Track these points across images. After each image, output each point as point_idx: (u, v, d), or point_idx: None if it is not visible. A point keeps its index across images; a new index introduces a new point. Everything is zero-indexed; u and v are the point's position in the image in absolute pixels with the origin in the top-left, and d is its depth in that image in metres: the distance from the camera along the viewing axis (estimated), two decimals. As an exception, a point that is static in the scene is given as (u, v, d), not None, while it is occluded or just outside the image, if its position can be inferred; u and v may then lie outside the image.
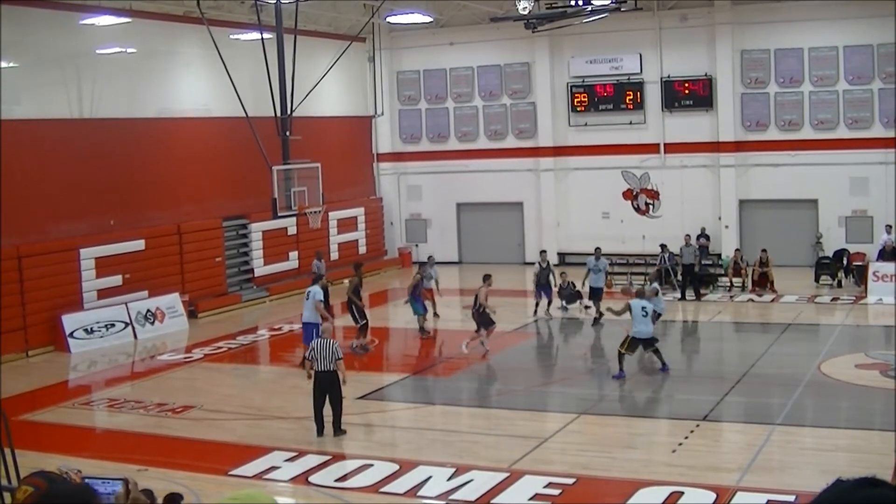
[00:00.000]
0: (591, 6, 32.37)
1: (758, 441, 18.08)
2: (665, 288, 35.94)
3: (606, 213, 42.41)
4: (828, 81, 38.67)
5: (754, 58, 39.68)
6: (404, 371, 26.17)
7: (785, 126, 39.43)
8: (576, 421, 20.21)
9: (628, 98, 41.44)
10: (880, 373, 23.16)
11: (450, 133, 44.93)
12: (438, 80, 44.93)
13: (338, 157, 41.01)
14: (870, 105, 38.19)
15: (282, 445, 18.78)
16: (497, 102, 44.10)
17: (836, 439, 18.49)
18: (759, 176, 40.00)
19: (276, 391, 23.83)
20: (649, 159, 41.53)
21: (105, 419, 22.25)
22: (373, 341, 28.61)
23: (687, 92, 40.56)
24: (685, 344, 29.74)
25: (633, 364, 23.99)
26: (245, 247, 37.18)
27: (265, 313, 34.66)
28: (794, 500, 15.13)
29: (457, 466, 17.14)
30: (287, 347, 29.64)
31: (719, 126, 40.15)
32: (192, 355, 28.23)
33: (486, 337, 26.42)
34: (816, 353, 24.76)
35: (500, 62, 43.81)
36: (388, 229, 45.70)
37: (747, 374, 23.82)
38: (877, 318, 31.00)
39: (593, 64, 41.96)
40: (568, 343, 29.92)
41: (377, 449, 18.68)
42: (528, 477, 16.53)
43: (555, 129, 42.94)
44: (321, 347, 19.30)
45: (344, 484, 16.69)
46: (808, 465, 16.96)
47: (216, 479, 17.01)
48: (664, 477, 16.33)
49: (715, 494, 15.45)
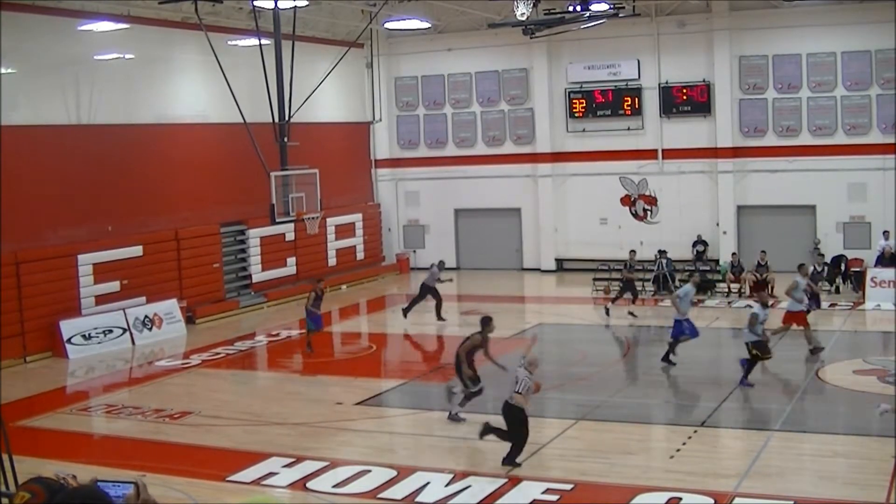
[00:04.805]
0: (589, 12, 32.39)
1: (756, 447, 18.07)
2: (663, 294, 36.09)
3: (604, 219, 42.45)
4: (826, 87, 38.72)
5: (752, 64, 39.73)
6: (403, 377, 26.17)
7: (783, 132, 39.46)
8: (574, 427, 20.21)
9: (626, 104, 41.48)
10: (878, 378, 23.16)
11: (448, 139, 44.96)
12: (436, 85, 44.96)
13: (336, 163, 41.05)
14: (868, 111, 38.24)
15: (280, 451, 18.75)
16: (495, 108, 44.13)
17: (835, 445, 18.49)
18: (757, 182, 40.03)
19: (273, 397, 23.82)
20: (647, 165, 41.57)
21: (103, 425, 22.24)
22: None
23: (685, 98, 40.60)
24: (681, 349, 29.65)
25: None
26: (243, 253, 37.15)
27: (263, 319, 34.63)
28: (792, 505, 15.16)
29: (455, 472, 17.14)
30: (285, 353, 29.65)
31: (717, 132, 40.19)
32: (189, 361, 28.21)
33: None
34: (815, 358, 24.74)
35: (497, 68, 43.85)
36: (386, 235, 45.70)
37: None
38: (875, 324, 31.01)
39: (591, 70, 42.00)
40: (565, 349, 29.84)
41: (375, 455, 18.66)
42: (526, 483, 16.54)
43: (553, 134, 42.97)
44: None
45: (342, 490, 16.67)
46: (807, 472, 16.96)
47: (214, 485, 16.99)
48: (662, 483, 16.32)
49: (713, 500, 15.43)
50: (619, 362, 27.55)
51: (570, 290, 38.92)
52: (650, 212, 41.99)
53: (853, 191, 38.53)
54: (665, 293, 36.40)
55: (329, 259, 41.08)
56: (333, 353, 30.44)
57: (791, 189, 39.28)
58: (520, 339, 30.00)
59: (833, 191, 38.68)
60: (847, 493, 15.64)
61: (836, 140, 38.78)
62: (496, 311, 31.98)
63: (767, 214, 39.98)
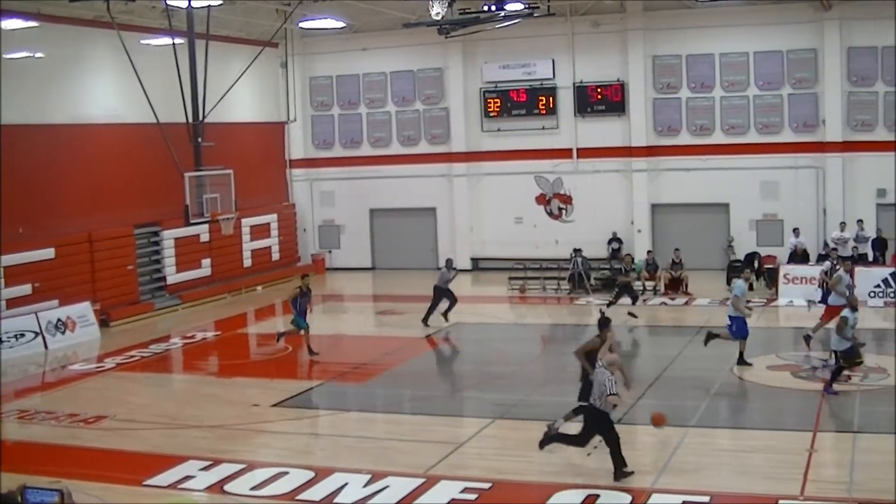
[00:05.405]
0: (504, 12, 32.48)
1: (672, 443, 18.19)
2: (578, 292, 36.28)
3: (520, 218, 42.59)
4: (739, 87, 39.21)
5: (666, 63, 40.09)
6: (320, 378, 26.05)
7: (696, 131, 39.86)
8: (491, 426, 20.21)
9: (541, 103, 41.66)
10: (792, 374, 23.49)
11: (363, 139, 44.86)
12: (351, 85, 44.82)
13: (250, 163, 40.77)
14: (780, 110, 38.81)
15: (196, 454, 18.57)
16: (410, 108, 44.10)
17: (750, 440, 18.66)
18: (671, 180, 40.40)
19: (189, 400, 23.59)
20: (562, 164, 41.78)
21: (15, 431, 21.82)
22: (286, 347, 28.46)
23: (599, 97, 40.88)
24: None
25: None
26: (157, 254, 36.73)
27: (178, 321, 34.29)
28: (708, 500, 15.26)
29: (373, 473, 17.06)
30: (200, 356, 29.39)
31: (631, 131, 40.51)
32: (104, 365, 27.84)
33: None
34: (729, 355, 24.97)
35: (413, 68, 43.84)
36: (301, 236, 45.48)
37: (661, 376, 24.03)
38: (788, 320, 31.39)
39: (506, 69, 42.11)
40: (482, 348, 29.87)
41: (293, 456, 18.53)
42: (444, 482, 16.50)
43: (468, 134, 43.03)
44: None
45: (260, 492, 16.54)
46: (723, 467, 17.11)
47: (131, 490, 16.78)
48: (580, 480, 16.40)
49: (630, 496, 15.52)
50: (536, 361, 27.60)
51: (486, 290, 38.96)
52: (565, 210, 42.19)
53: (766, 189, 39.05)
54: (580, 291, 36.64)
55: (244, 260, 40.81)
56: (249, 354, 30.27)
57: (704, 187, 39.71)
58: (435, 339, 30.06)
59: (746, 189, 39.18)
60: (763, 488, 15.78)
61: (748, 139, 39.27)
62: (411, 310, 32.15)
63: (681, 212, 40.35)
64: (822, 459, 17.35)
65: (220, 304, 37.40)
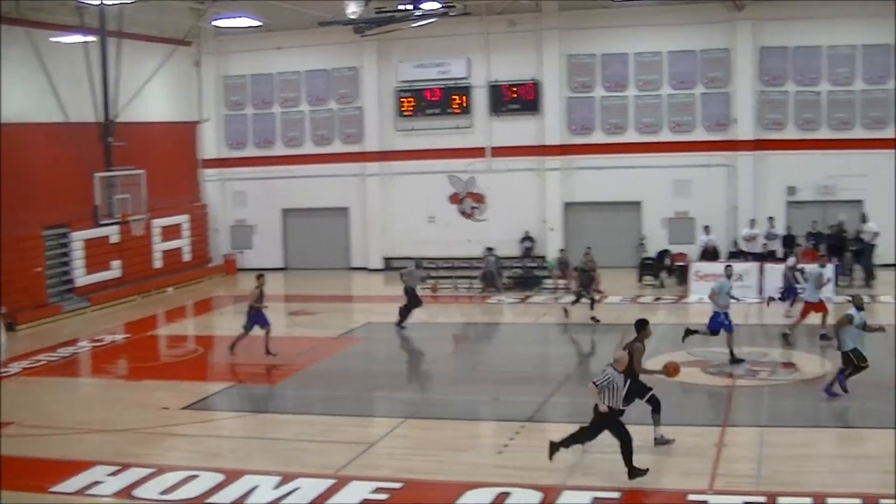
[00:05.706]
0: (420, 11, 32.50)
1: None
2: (490, 291, 36.38)
3: (433, 218, 42.62)
4: (652, 86, 39.59)
5: (581, 62, 40.35)
6: (230, 379, 25.80)
7: (610, 130, 40.17)
8: (402, 425, 20.16)
9: (455, 102, 41.74)
10: (702, 370, 23.73)
11: (276, 138, 44.63)
12: (265, 85, 44.58)
13: (162, 163, 40.32)
14: (693, 109, 39.28)
15: (104, 459, 18.27)
16: (324, 107, 43.95)
17: (660, 436, 18.76)
18: (584, 179, 40.65)
19: (97, 404, 23.29)
20: (475, 163, 41.85)
21: (-83, 437, 21.44)
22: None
23: (514, 96, 41.04)
24: (509, 346, 29.93)
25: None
26: (66, 256, 36.13)
27: (87, 324, 33.80)
28: (618, 497, 15.36)
29: (283, 474, 16.94)
30: (109, 359, 29.00)
31: (545, 130, 40.71)
32: (9, 370, 27.27)
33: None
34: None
35: (327, 67, 43.70)
36: (213, 236, 45.15)
37: (572, 374, 24.14)
38: (698, 317, 31.45)
39: (421, 69, 42.11)
40: (393, 348, 29.80)
41: (202, 459, 18.32)
42: (355, 483, 16.42)
43: (381, 133, 42.97)
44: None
45: (169, 496, 16.33)
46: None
47: (37, 498, 16.50)
48: (491, 478, 16.38)
49: (542, 494, 15.55)
50: (448, 360, 27.59)
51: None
52: (478, 209, 42.27)
53: (678, 187, 39.44)
54: (492, 290, 36.73)
55: (155, 261, 40.37)
56: (159, 356, 29.95)
57: (617, 186, 40.02)
58: (347, 339, 29.97)
59: (658, 187, 39.56)
60: (672, 482, 15.93)
61: (661, 138, 39.67)
62: (324, 310, 32.01)
63: (594, 211, 40.62)
64: (730, 454, 17.53)
65: (130, 306, 36.95)
